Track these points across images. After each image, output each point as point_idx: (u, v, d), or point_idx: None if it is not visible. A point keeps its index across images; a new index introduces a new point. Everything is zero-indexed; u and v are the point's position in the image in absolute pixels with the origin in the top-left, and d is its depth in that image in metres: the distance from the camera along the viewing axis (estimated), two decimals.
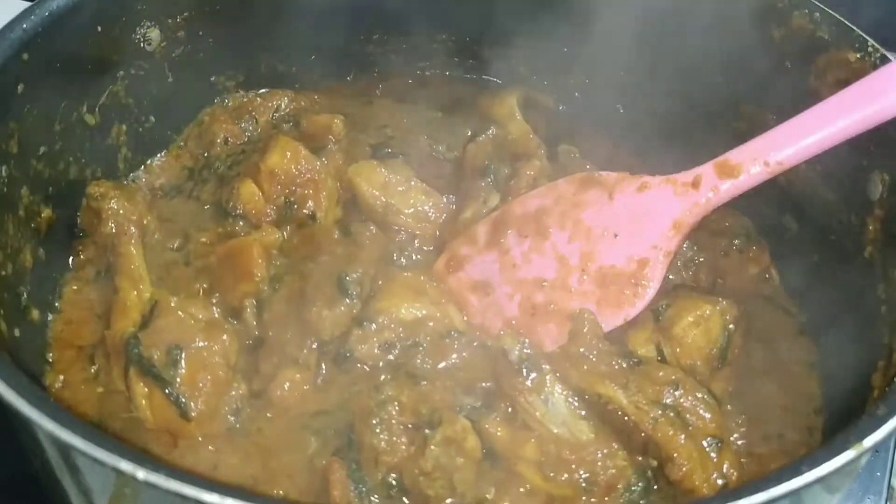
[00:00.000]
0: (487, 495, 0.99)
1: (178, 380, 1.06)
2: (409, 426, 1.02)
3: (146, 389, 1.07)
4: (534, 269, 1.22)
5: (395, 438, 1.01)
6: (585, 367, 1.08)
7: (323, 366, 1.12)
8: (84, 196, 1.27)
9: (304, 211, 1.29)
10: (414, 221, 1.31)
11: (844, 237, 1.21)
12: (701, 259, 1.26)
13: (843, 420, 1.03)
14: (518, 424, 1.03)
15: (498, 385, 1.07)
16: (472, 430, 1.01)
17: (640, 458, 1.03)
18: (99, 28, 1.24)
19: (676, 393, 1.06)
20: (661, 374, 1.08)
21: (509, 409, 1.04)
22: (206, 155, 1.42)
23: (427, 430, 1.00)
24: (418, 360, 1.10)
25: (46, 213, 1.21)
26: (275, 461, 1.05)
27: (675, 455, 1.01)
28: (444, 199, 1.33)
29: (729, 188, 1.14)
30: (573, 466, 1.00)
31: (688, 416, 1.04)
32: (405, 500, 1.00)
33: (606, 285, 1.17)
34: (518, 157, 1.37)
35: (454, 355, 1.11)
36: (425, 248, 1.31)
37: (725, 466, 1.03)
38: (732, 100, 1.35)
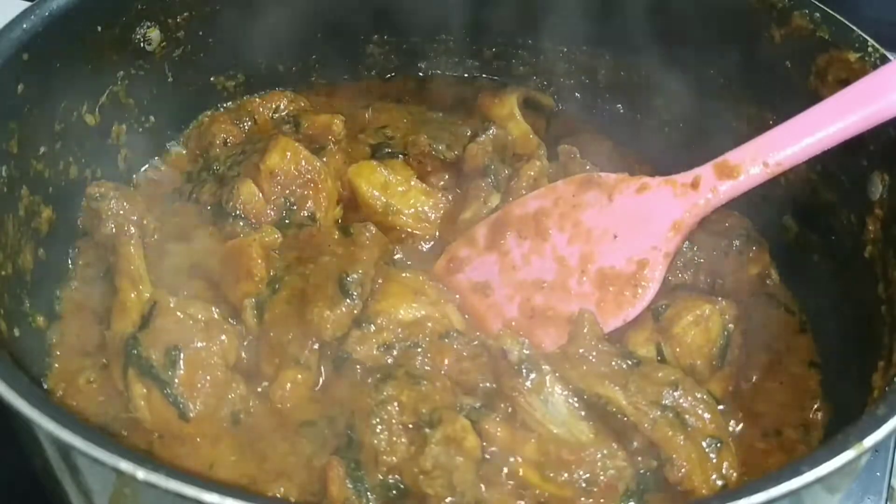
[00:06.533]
0: (487, 495, 0.99)
1: (177, 380, 1.06)
2: (410, 426, 1.02)
3: (145, 390, 1.06)
4: (533, 270, 1.22)
5: (395, 438, 1.01)
6: (585, 368, 1.08)
7: (322, 367, 1.12)
8: (84, 196, 1.27)
9: (304, 211, 1.29)
10: (414, 221, 1.31)
11: (844, 237, 1.21)
12: (701, 259, 1.26)
13: (842, 420, 1.03)
14: (518, 425, 1.03)
15: (498, 385, 1.07)
16: (472, 430, 1.01)
17: (639, 459, 1.03)
18: (99, 28, 1.24)
19: (675, 393, 1.06)
20: (660, 374, 1.08)
21: (509, 410, 1.04)
22: (205, 155, 1.41)
23: (427, 430, 1.00)
24: (418, 361, 1.10)
25: (46, 213, 1.21)
26: (273, 461, 1.05)
27: (673, 456, 1.01)
28: (444, 199, 1.33)
29: (728, 189, 1.15)
30: (573, 467, 1.00)
31: (687, 416, 1.04)
32: (405, 499, 1.00)
33: (606, 286, 1.18)
34: (518, 157, 1.37)
35: (454, 355, 1.11)
36: (425, 248, 1.31)
37: (725, 467, 1.03)
38: (732, 100, 1.36)
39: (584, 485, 1.00)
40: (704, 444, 1.03)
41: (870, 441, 0.82)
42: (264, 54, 1.50)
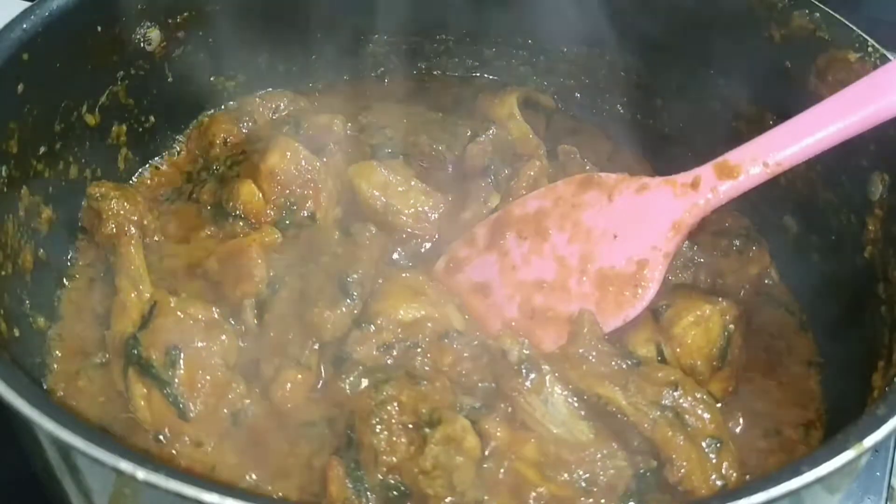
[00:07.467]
0: (486, 495, 0.99)
1: (177, 380, 1.06)
2: (409, 426, 1.02)
3: (145, 390, 1.07)
4: (533, 270, 1.22)
5: (394, 438, 1.01)
6: (585, 368, 1.08)
7: (322, 367, 1.12)
8: (84, 196, 1.27)
9: (304, 212, 1.29)
10: (414, 221, 1.31)
11: (844, 237, 1.21)
12: (701, 259, 1.26)
13: (843, 420, 1.03)
14: (518, 425, 1.03)
15: (498, 385, 1.07)
16: (472, 430, 1.01)
17: (639, 459, 1.03)
18: (99, 28, 1.24)
19: (675, 394, 1.06)
20: (660, 374, 1.08)
21: (509, 410, 1.04)
22: (205, 156, 1.41)
23: (427, 430, 1.00)
24: (418, 361, 1.10)
25: (46, 213, 1.21)
26: (273, 461, 1.05)
27: (673, 456, 1.01)
28: (444, 199, 1.33)
29: (728, 189, 1.14)
30: (573, 467, 1.00)
31: (687, 416, 1.04)
32: (405, 499, 1.00)
33: (606, 286, 1.17)
34: (518, 157, 1.37)
35: (454, 355, 1.11)
36: (425, 248, 1.31)
37: (724, 467, 1.03)
38: (732, 100, 1.36)
39: (584, 485, 1.00)
40: (704, 444, 1.03)
41: (870, 441, 0.82)
42: (264, 54, 1.50)
